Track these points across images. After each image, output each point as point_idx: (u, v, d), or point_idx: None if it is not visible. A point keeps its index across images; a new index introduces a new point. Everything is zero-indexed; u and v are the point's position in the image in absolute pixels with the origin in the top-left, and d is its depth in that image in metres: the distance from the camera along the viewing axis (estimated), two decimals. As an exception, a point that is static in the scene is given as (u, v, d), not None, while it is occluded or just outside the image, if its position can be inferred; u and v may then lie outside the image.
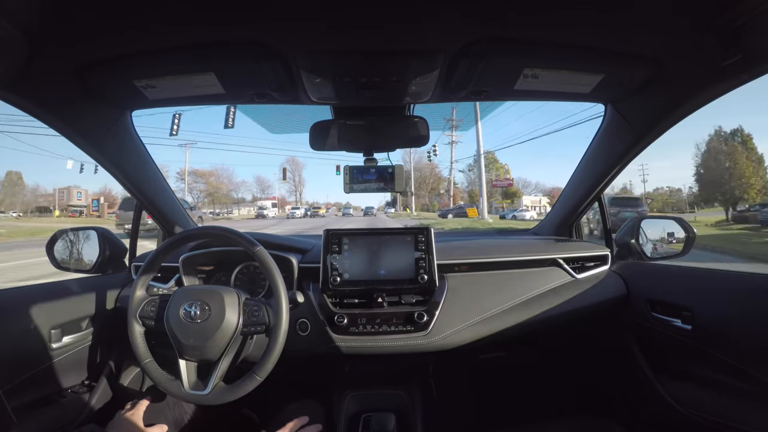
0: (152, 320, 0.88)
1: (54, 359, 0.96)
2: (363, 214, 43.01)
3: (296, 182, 67.88)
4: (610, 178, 1.23)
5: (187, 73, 0.81)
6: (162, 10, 0.63)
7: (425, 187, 56.06)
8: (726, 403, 0.86)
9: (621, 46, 0.76)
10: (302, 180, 70.08)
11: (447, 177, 49.10)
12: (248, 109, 1.18)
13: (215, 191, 44.91)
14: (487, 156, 51.34)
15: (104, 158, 1.03)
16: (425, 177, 56.65)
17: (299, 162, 68.25)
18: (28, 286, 1.01)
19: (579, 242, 1.40)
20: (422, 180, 56.30)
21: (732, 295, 0.89)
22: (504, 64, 0.81)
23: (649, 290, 1.11)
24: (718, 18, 0.63)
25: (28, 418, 0.89)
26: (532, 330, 1.12)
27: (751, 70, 0.70)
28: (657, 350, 1.08)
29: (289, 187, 67.64)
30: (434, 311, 1.07)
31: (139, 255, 1.31)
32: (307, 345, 1.07)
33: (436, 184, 54.79)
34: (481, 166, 20.36)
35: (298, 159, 67.34)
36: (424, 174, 55.85)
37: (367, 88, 0.88)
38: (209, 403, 0.82)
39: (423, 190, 55.96)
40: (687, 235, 1.23)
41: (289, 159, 64.95)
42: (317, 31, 0.69)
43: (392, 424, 0.98)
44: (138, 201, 1.26)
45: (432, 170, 55.22)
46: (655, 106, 0.94)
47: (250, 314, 0.86)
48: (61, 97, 0.82)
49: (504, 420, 1.42)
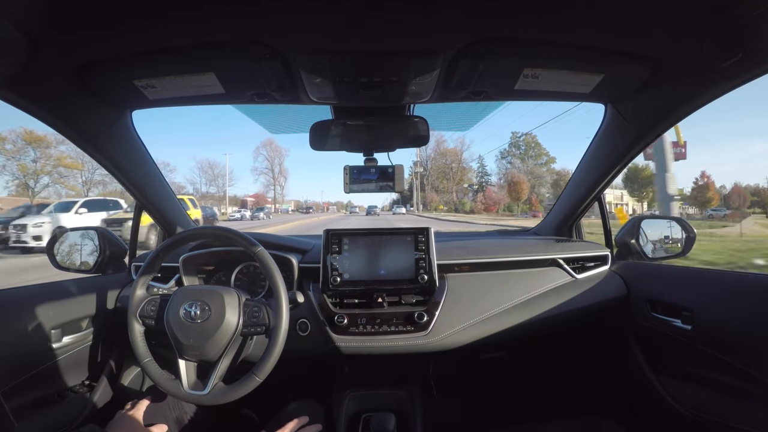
0: (152, 320, 0.88)
1: (54, 359, 0.96)
2: (365, 213, 39.85)
3: (275, 174, 53.25)
4: (611, 178, 1.23)
5: (187, 73, 0.81)
6: (162, 10, 0.63)
7: (451, 177, 44.12)
8: (726, 403, 0.86)
9: (621, 46, 0.76)
10: (284, 171, 54.93)
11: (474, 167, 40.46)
12: (248, 109, 1.18)
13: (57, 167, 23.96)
14: (528, 140, 41.99)
15: (104, 158, 1.03)
16: (443, 167, 44.54)
17: (280, 148, 53.88)
18: (28, 286, 1.01)
19: (579, 242, 1.40)
20: (445, 170, 44.94)
21: (732, 295, 0.89)
22: (504, 64, 0.81)
23: (649, 290, 1.11)
24: (718, 18, 0.63)
25: (28, 418, 0.89)
26: (532, 330, 1.12)
27: (751, 70, 0.70)
28: (657, 350, 1.08)
29: (268, 180, 53.25)
30: (434, 311, 1.07)
31: (139, 255, 1.31)
32: (307, 345, 1.07)
33: (461, 175, 44.29)
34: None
35: (279, 144, 54.24)
36: (443, 162, 44.13)
37: (367, 88, 0.88)
38: (208, 403, 0.83)
39: (448, 182, 44.40)
40: (687, 235, 1.23)
41: (266, 142, 52.04)
42: (317, 31, 0.69)
43: (392, 424, 0.98)
44: (138, 201, 1.26)
45: (457, 157, 43.87)
46: (655, 106, 0.94)
47: (250, 315, 0.86)
48: (61, 97, 0.82)
49: (504, 420, 1.42)
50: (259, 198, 51.87)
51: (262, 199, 52.06)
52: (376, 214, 36.26)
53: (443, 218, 28.65)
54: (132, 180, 1.15)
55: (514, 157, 43.27)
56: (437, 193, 45.65)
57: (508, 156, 43.69)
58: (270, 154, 53.86)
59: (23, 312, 0.92)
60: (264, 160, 53.64)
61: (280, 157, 54.62)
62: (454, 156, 44.93)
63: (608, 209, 1.37)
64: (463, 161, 45.50)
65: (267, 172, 54.28)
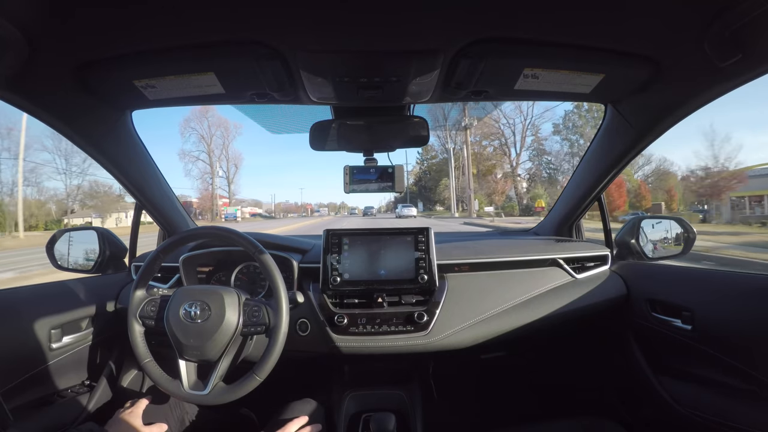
0: (152, 320, 0.88)
1: (54, 359, 0.96)
2: (362, 214, 36.10)
3: (212, 160, 35.63)
4: (611, 178, 1.23)
5: (187, 73, 0.81)
6: (162, 10, 0.63)
7: (496, 162, 28.29)
8: (726, 403, 0.86)
9: (621, 46, 0.76)
10: (234, 157, 37.80)
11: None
12: (248, 109, 1.18)
13: None
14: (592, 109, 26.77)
15: (104, 158, 1.03)
16: (479, 153, 28.57)
17: (226, 122, 36.00)
18: (28, 286, 1.01)
19: (579, 242, 1.40)
20: (482, 157, 29.84)
21: (732, 295, 0.89)
22: (504, 64, 0.81)
23: (649, 290, 1.11)
24: (718, 18, 0.63)
25: (28, 418, 0.89)
26: (532, 330, 1.12)
27: (751, 70, 0.70)
28: (657, 350, 1.08)
29: (205, 169, 36.25)
30: (434, 311, 1.07)
31: (139, 255, 1.31)
32: (307, 345, 1.07)
33: (490, 166, 30.12)
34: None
35: (224, 117, 36.00)
36: (472, 147, 27.68)
37: (367, 88, 0.88)
38: (209, 403, 0.83)
39: (488, 164, 28.11)
40: (687, 235, 1.23)
41: (197, 113, 34.19)
42: (317, 31, 0.69)
43: (392, 424, 0.98)
44: (138, 201, 1.26)
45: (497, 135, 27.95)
46: (655, 106, 0.94)
47: (250, 314, 0.86)
48: (61, 97, 0.82)
49: (504, 420, 1.42)
50: (203, 201, 37.26)
51: (205, 201, 37.13)
52: (373, 215, 33.61)
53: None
54: (132, 180, 1.15)
55: (573, 133, 30.26)
56: (481, 181, 27.96)
57: (563, 131, 30.52)
58: (205, 131, 34.37)
59: (23, 312, 0.92)
60: (197, 139, 35.65)
61: (226, 134, 35.48)
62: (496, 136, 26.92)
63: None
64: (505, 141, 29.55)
65: (203, 158, 35.27)
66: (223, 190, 39.75)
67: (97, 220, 30.28)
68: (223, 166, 38.72)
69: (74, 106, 0.86)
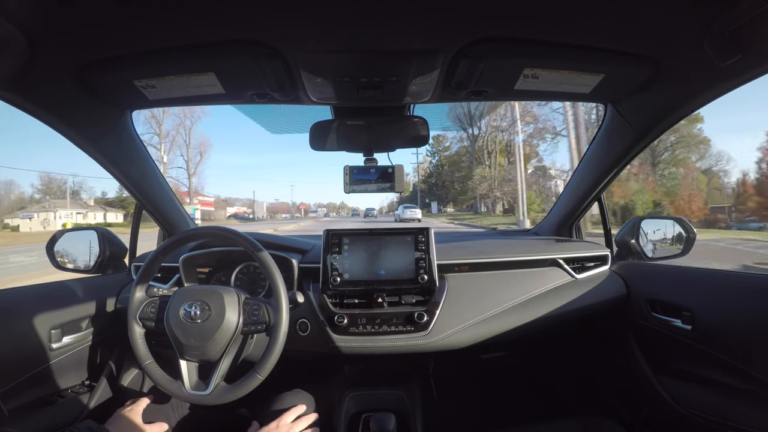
0: (152, 321, 0.88)
1: (54, 359, 0.96)
2: (363, 216, 33.29)
3: (164, 147, 28.44)
4: (611, 178, 1.23)
5: (187, 73, 0.81)
6: (162, 10, 0.63)
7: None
8: (726, 403, 0.86)
9: (621, 46, 0.76)
10: (199, 144, 30.95)
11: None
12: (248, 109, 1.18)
13: None
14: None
15: (104, 158, 1.03)
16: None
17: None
18: (28, 286, 1.01)
19: (579, 242, 1.40)
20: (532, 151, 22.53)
21: (732, 295, 0.89)
22: (504, 64, 0.81)
23: (649, 290, 1.11)
24: (718, 18, 0.63)
25: (27, 418, 0.89)
26: (532, 330, 1.12)
27: (751, 70, 0.70)
28: (657, 350, 1.08)
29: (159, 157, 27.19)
30: (434, 311, 1.07)
31: (139, 255, 1.31)
32: (308, 345, 1.07)
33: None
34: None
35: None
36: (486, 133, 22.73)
37: (367, 88, 0.88)
38: (211, 403, 0.83)
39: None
40: (687, 235, 1.23)
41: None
42: (317, 31, 0.69)
43: (392, 424, 0.98)
44: (138, 201, 1.26)
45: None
46: (655, 106, 0.94)
47: (250, 313, 0.86)
48: (61, 97, 0.82)
49: (504, 420, 1.42)
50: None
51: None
52: (374, 217, 31.30)
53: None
54: (132, 180, 1.15)
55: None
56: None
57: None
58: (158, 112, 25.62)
59: (23, 312, 0.92)
60: (146, 119, 27.84)
61: (191, 119, 28.88)
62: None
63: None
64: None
65: (154, 142, 27.60)
66: (184, 185, 31.67)
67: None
68: (183, 153, 31.65)
69: (74, 106, 0.86)
